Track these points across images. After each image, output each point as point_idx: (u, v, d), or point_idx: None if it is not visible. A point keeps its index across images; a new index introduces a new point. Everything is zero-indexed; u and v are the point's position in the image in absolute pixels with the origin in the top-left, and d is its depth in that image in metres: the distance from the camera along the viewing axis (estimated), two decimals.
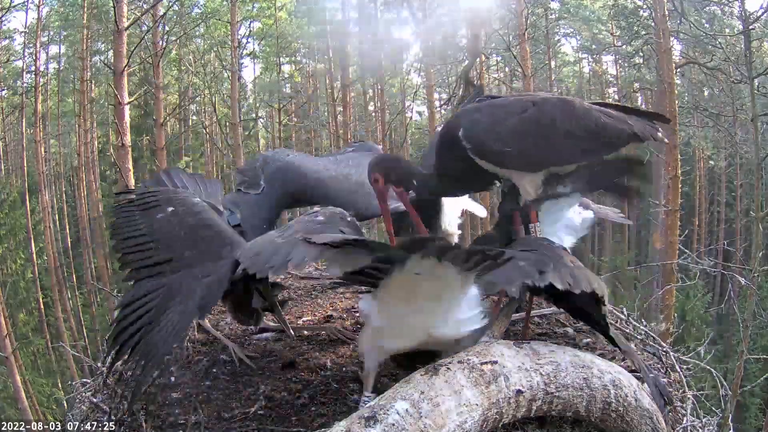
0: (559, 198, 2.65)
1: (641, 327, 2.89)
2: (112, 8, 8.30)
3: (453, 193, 2.48)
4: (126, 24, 8.31)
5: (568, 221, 2.75)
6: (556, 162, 2.21)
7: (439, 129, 2.62)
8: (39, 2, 15.28)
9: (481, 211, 3.46)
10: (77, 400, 2.44)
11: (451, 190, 2.39)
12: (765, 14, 8.57)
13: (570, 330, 2.81)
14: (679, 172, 9.03)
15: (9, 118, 18.57)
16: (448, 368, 1.76)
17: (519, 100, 2.25)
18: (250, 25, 17.70)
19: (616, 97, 18.91)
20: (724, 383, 2.69)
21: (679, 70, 11.98)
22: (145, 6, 12.16)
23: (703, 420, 2.28)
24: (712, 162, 17.31)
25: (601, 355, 2.33)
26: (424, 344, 1.89)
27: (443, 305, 1.82)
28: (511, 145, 2.09)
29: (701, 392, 2.55)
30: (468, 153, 2.12)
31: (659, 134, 2.28)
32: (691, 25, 10.01)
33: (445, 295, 1.80)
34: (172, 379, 2.44)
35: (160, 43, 13.86)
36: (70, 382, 9.76)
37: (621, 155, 2.38)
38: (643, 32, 13.71)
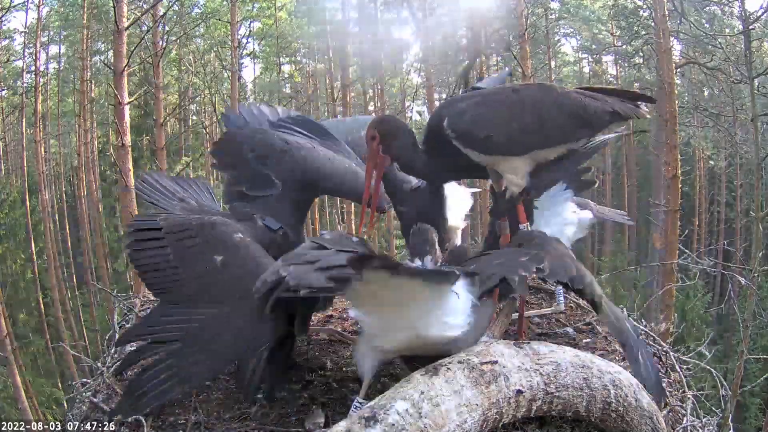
0: (548, 189, 2.64)
1: (641, 327, 2.89)
2: (112, 8, 8.29)
3: (439, 178, 2.45)
4: (126, 24, 8.31)
5: (564, 221, 2.74)
6: (540, 145, 2.23)
7: None
8: (39, 2, 15.27)
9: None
10: (77, 400, 2.44)
11: (437, 175, 2.38)
12: (765, 14, 8.57)
13: (570, 330, 2.81)
14: (679, 172, 9.02)
15: (9, 118, 18.56)
16: (448, 368, 1.76)
17: (500, 89, 2.30)
18: (250, 25, 17.70)
19: None
20: (724, 383, 2.69)
21: (679, 70, 11.97)
22: (145, 6, 12.15)
23: (703, 420, 2.28)
24: (712, 162, 17.30)
25: (601, 355, 2.33)
26: (418, 346, 1.87)
27: (421, 308, 1.77)
28: (494, 130, 2.12)
29: (701, 392, 2.55)
30: (453, 142, 2.14)
31: (641, 111, 2.29)
32: (691, 25, 10.01)
33: (417, 300, 1.75)
34: None
35: (160, 43, 13.84)
36: (70, 382, 9.75)
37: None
38: (643, 32, 13.70)
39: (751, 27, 8.41)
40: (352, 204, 12.32)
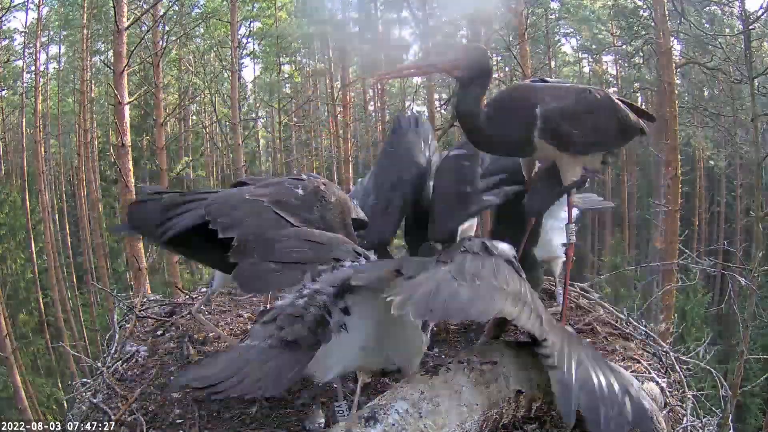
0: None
1: (641, 327, 2.89)
2: (112, 8, 8.27)
3: (483, 140, 2.32)
4: (126, 24, 8.28)
5: (561, 220, 2.75)
6: (599, 147, 2.38)
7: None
8: (39, 2, 15.24)
9: None
10: (77, 400, 2.44)
11: (483, 138, 2.30)
12: (765, 14, 8.56)
13: (570, 330, 2.80)
14: (679, 172, 9.00)
15: (9, 118, 18.55)
16: (448, 368, 1.76)
17: (579, 89, 2.34)
18: (250, 25, 17.68)
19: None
20: (724, 383, 2.69)
21: (679, 70, 11.96)
22: (145, 6, 12.12)
23: (703, 420, 2.28)
24: (712, 162, 17.28)
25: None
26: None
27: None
28: (578, 129, 2.22)
29: (701, 392, 2.55)
30: (534, 127, 2.17)
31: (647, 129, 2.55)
32: (691, 25, 9.99)
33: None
34: (172, 379, 2.43)
35: (160, 43, 13.81)
36: (70, 382, 9.74)
37: None
38: (643, 32, 13.69)
39: (751, 27, 8.40)
40: None
